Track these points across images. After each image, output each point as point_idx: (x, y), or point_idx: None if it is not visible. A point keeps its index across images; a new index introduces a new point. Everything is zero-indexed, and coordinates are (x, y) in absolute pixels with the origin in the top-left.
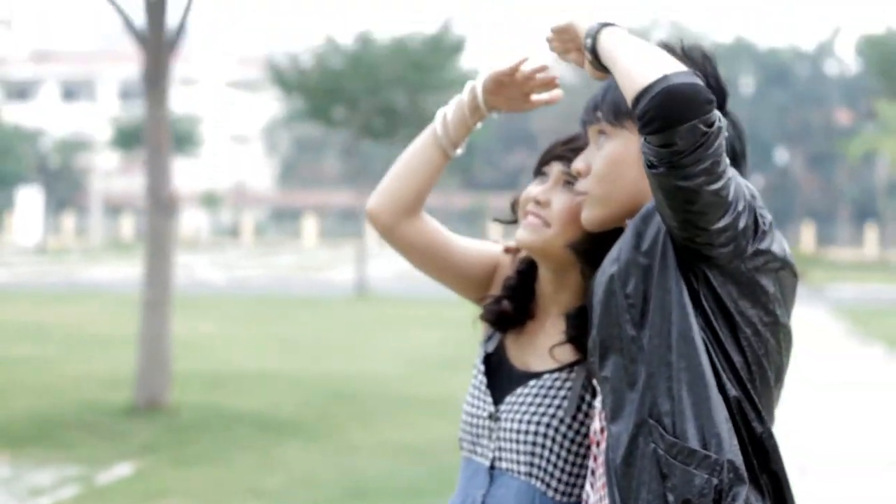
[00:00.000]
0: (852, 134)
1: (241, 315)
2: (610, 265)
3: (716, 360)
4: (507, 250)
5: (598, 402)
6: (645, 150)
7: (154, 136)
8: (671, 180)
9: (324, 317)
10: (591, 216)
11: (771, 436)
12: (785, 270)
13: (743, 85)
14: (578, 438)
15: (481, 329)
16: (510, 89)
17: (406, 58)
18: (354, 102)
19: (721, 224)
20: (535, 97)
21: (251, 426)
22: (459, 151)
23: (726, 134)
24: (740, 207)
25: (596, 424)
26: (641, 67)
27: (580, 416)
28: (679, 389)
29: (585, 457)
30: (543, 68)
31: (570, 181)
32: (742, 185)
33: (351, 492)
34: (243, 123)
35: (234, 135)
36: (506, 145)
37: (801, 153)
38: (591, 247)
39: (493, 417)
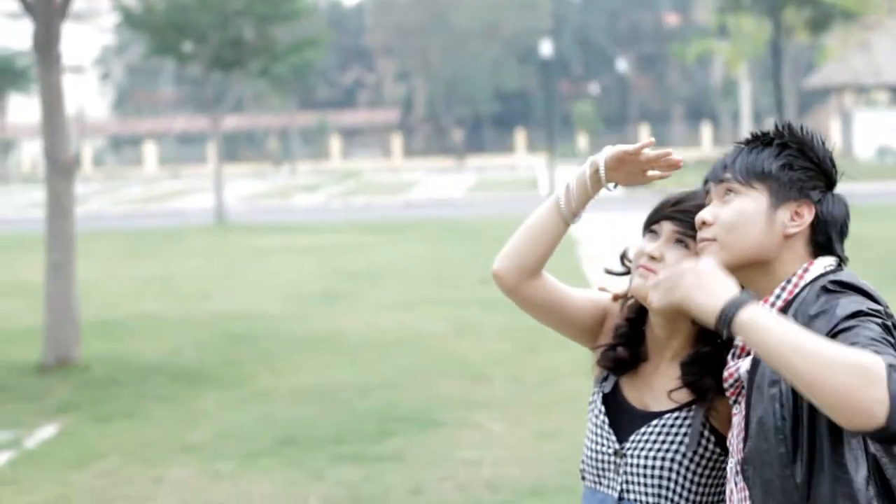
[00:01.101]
0: (681, 37)
1: (107, 253)
2: None
3: None
4: (616, 298)
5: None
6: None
7: (48, 100)
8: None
9: (192, 251)
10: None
11: None
12: None
13: None
14: (700, 470)
15: (594, 372)
16: (631, 166)
17: None
18: (203, 36)
19: None
20: (650, 173)
21: (162, 377)
22: (578, 221)
23: (842, 218)
24: None
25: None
26: (844, 381)
27: (700, 450)
28: None
29: (707, 485)
30: (667, 154)
31: (680, 240)
32: None
33: (280, 441)
34: (77, 54)
35: (69, 65)
36: (341, 64)
37: (633, 56)
38: None
39: (619, 454)
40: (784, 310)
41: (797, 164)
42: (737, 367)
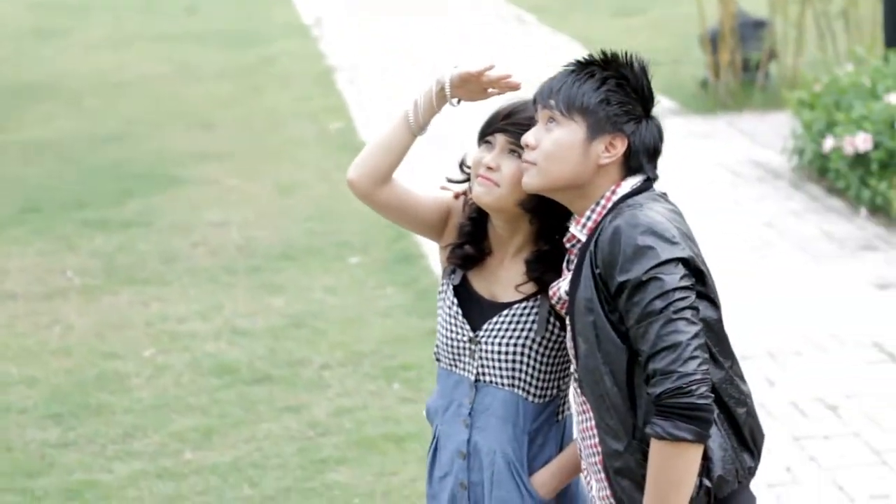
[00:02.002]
0: None
1: None
2: None
3: None
4: (456, 196)
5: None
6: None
7: None
8: None
9: None
10: (531, 183)
11: None
12: None
13: None
14: (548, 352)
15: (442, 264)
16: (474, 85)
17: None
18: None
19: None
20: (490, 90)
21: None
22: (424, 133)
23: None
24: None
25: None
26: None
27: (547, 335)
28: None
29: (554, 364)
30: (507, 76)
31: (513, 150)
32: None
33: (23, 209)
34: None
35: None
36: None
37: None
38: (537, 203)
39: (474, 342)
40: (594, 230)
41: (615, 99)
42: (558, 287)
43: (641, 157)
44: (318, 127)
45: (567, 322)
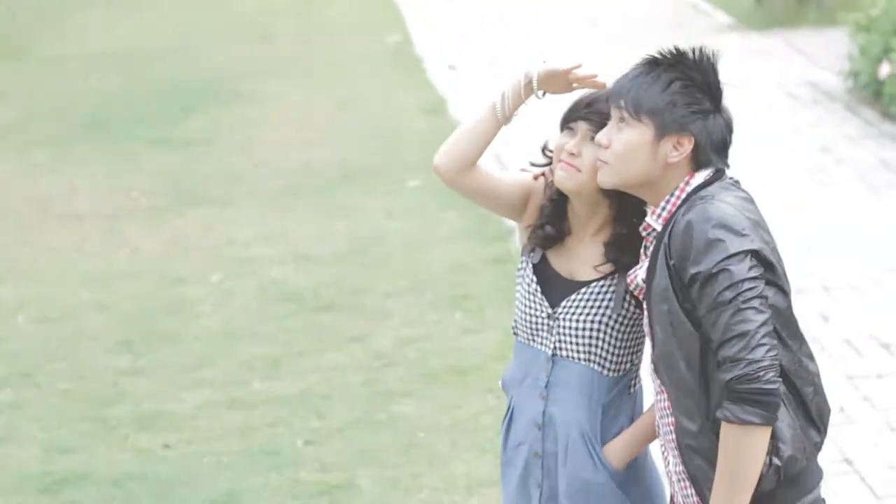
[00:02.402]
0: None
1: None
2: None
3: None
4: (536, 177)
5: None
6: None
7: None
8: None
9: None
10: (605, 181)
11: None
12: None
13: None
14: (623, 328)
15: (521, 243)
16: (560, 80)
17: None
18: None
19: None
20: (576, 85)
21: None
22: (510, 123)
23: (721, 138)
24: None
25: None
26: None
27: (624, 312)
28: None
29: (629, 340)
30: (594, 76)
31: (594, 137)
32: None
33: (88, 126)
34: None
35: None
36: None
37: None
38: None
39: (552, 318)
40: (668, 220)
41: (681, 101)
42: (635, 275)
43: (710, 153)
44: (376, 40)
45: (644, 308)
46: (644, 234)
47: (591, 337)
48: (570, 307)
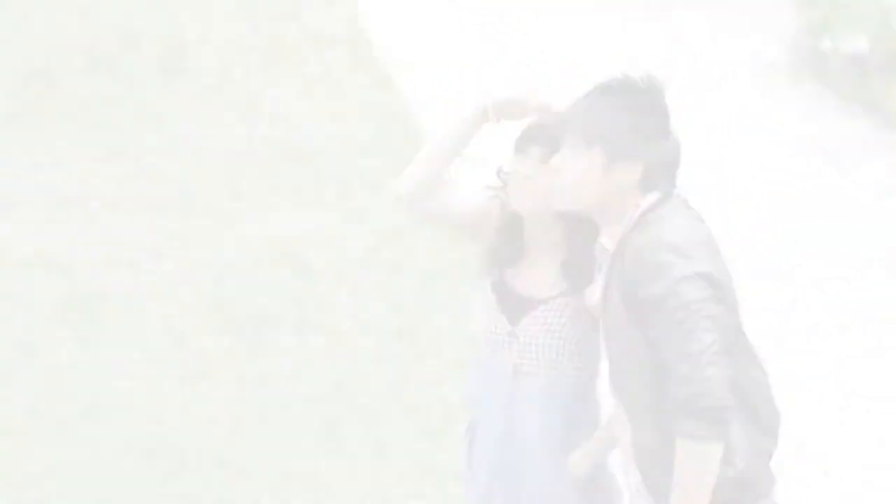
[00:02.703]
0: None
1: None
2: None
3: None
4: (492, 199)
5: None
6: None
7: None
8: None
9: None
10: (558, 205)
11: None
12: None
13: None
14: (584, 344)
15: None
16: (516, 108)
17: None
18: None
19: None
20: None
21: None
22: (465, 149)
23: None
24: None
25: None
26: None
27: (583, 328)
28: None
29: (588, 354)
30: (548, 105)
31: (545, 160)
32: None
33: None
34: None
35: None
36: None
37: None
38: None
39: (512, 335)
40: (621, 242)
41: (630, 126)
42: (591, 293)
43: (659, 177)
44: None
45: (601, 325)
46: (598, 254)
47: (551, 353)
48: (530, 324)
